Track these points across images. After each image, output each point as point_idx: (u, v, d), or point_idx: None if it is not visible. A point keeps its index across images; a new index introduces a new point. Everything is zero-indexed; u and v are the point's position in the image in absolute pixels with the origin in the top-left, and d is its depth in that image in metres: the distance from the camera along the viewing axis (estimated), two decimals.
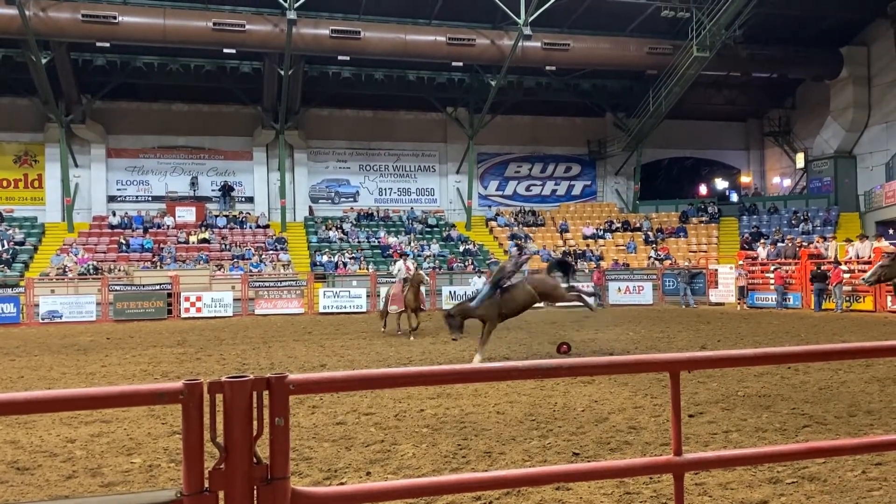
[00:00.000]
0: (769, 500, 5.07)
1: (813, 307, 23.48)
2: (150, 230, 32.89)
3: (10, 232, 31.43)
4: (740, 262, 27.14)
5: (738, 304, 25.93)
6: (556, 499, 5.07)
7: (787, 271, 25.36)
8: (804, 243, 27.57)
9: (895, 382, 9.55)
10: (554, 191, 39.95)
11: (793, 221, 34.24)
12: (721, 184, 44.96)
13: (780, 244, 27.97)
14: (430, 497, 4.94)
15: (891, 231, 30.63)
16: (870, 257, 22.23)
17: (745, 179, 42.47)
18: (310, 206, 36.56)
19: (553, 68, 34.06)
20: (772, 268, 25.92)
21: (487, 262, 30.23)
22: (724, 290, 27.61)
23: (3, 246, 30.15)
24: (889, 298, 21.84)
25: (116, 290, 26.91)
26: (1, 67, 31.40)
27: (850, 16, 33.74)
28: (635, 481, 5.35)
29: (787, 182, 40.41)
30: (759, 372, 10.47)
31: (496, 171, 39.29)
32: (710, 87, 37.24)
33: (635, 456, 6.32)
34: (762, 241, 29.91)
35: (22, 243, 30.99)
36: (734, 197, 42.23)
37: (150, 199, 35.20)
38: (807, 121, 38.40)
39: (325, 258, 31.70)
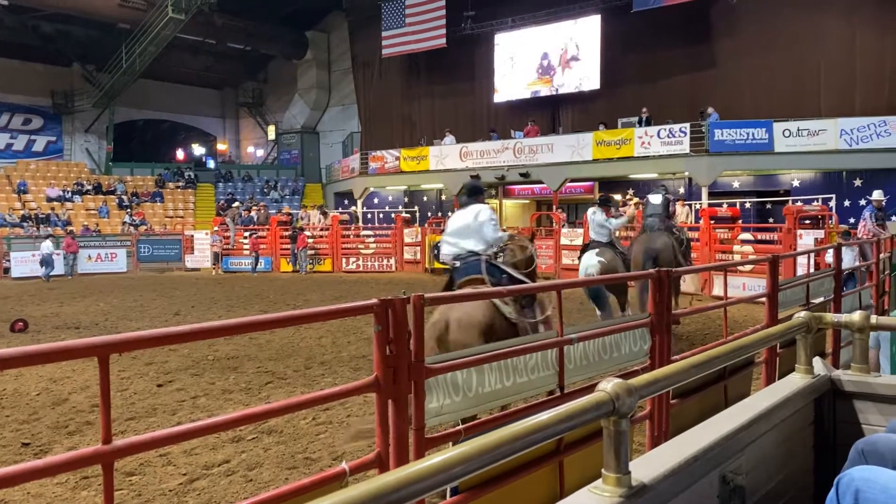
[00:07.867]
0: (231, 458, 5.33)
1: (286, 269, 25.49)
2: None
3: None
4: (216, 228, 27.74)
5: (214, 269, 26.53)
6: None
7: (259, 237, 26.88)
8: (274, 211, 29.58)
9: (344, 335, 10.98)
10: (10, 145, 34.73)
11: (265, 190, 36.34)
12: (198, 149, 45.08)
13: (253, 212, 29.43)
14: None
15: (346, 202, 34.80)
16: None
17: (221, 147, 43.40)
18: None
19: (5, 3, 29.42)
20: (245, 234, 27.17)
21: None
22: (201, 255, 27.92)
23: None
24: (343, 260, 24.98)
25: None
26: None
27: (313, 2, 36.77)
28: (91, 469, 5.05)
29: (261, 152, 42.64)
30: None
31: None
32: (186, 50, 36.77)
33: (97, 436, 5.98)
34: (233, 208, 30.61)
35: None
36: (211, 163, 42.79)
37: None
38: (278, 96, 40.94)
39: None
